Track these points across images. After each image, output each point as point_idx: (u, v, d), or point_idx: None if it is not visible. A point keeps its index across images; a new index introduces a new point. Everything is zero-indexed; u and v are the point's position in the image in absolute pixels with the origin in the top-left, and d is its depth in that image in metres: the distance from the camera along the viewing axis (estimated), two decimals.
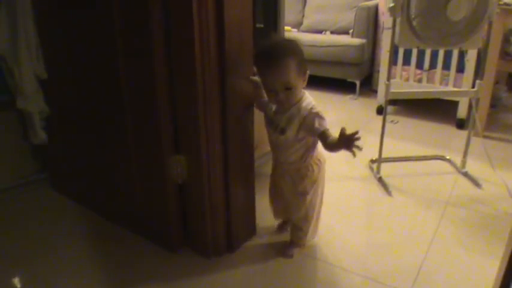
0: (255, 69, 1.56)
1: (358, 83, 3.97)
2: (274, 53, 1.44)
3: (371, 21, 3.96)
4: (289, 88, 1.43)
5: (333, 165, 2.57)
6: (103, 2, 1.58)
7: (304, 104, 1.51)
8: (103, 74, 1.75)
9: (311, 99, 1.54)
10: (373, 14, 3.97)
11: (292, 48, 1.45)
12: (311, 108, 1.50)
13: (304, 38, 4.16)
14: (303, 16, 4.65)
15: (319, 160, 1.65)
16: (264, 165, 2.43)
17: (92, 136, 1.96)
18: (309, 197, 1.65)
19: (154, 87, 1.53)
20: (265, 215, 1.99)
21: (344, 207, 2.15)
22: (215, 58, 1.46)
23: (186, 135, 1.61)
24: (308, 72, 1.48)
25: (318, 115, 1.49)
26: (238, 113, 1.62)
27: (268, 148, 2.27)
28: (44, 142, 2.12)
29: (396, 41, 2.14)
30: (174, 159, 1.64)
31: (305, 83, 1.50)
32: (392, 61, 2.37)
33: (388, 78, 2.24)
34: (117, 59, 1.62)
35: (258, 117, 1.74)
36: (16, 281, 1.75)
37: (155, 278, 1.67)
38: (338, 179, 2.44)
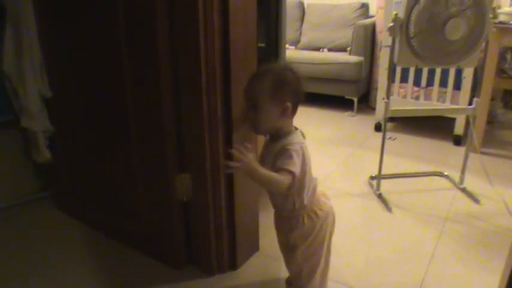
0: None
1: (356, 100, 4.01)
2: (257, 71, 1.43)
3: (368, 39, 4.01)
4: (255, 107, 1.31)
5: (332, 182, 2.60)
6: (106, 13, 1.62)
7: (286, 140, 1.33)
8: (107, 94, 1.77)
9: (299, 139, 1.36)
10: (371, 31, 4.03)
11: (276, 72, 1.34)
12: (286, 145, 1.31)
13: (302, 55, 4.21)
14: (301, 34, 4.71)
15: (315, 213, 1.41)
16: None
17: (96, 155, 1.98)
18: (299, 252, 1.45)
19: (159, 106, 1.56)
20: (268, 231, 2.00)
21: (344, 223, 2.17)
22: (220, 75, 1.50)
23: (190, 154, 1.63)
24: (289, 106, 1.31)
25: (287, 152, 1.29)
26: (243, 131, 1.65)
27: None
28: (48, 161, 2.13)
29: (395, 60, 2.18)
30: (179, 177, 1.66)
31: (288, 118, 1.35)
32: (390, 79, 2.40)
33: (388, 96, 2.27)
34: (124, 81, 1.65)
35: None
36: None
37: None
38: (338, 195, 2.46)
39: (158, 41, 1.48)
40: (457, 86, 3.12)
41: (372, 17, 4.30)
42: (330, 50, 4.42)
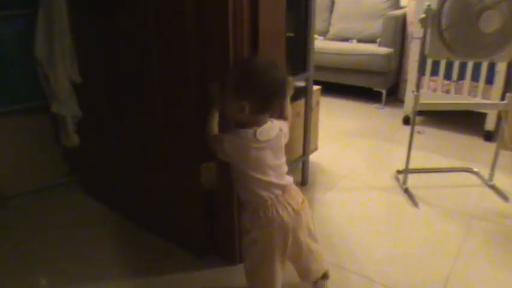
0: None
1: (384, 92, 3.95)
2: (238, 59, 1.43)
3: (399, 31, 3.94)
4: (222, 93, 1.34)
5: (358, 174, 2.58)
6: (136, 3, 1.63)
7: (235, 129, 1.34)
8: (135, 82, 1.79)
9: (243, 137, 1.31)
10: (401, 23, 3.95)
11: (246, 68, 1.32)
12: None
13: (331, 46, 4.16)
14: (330, 24, 4.65)
15: (258, 215, 1.35)
16: (291, 173, 2.45)
17: (123, 142, 2.00)
18: (245, 240, 1.47)
19: (188, 98, 1.56)
20: None
21: (369, 217, 2.15)
22: None
23: None
24: (245, 105, 1.26)
25: (219, 136, 1.37)
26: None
27: (296, 154, 2.28)
28: (76, 145, 2.17)
29: (426, 52, 2.14)
30: (204, 166, 1.66)
31: (246, 115, 1.28)
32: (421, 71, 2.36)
33: (418, 89, 2.23)
34: (151, 66, 1.66)
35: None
36: (41, 280, 1.80)
37: (181, 283, 1.70)
38: (364, 188, 2.44)
39: (186, 32, 1.48)
40: (490, 80, 3.03)
41: (402, 7, 4.22)
42: (359, 41, 4.35)
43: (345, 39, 4.42)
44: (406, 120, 3.46)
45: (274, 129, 1.35)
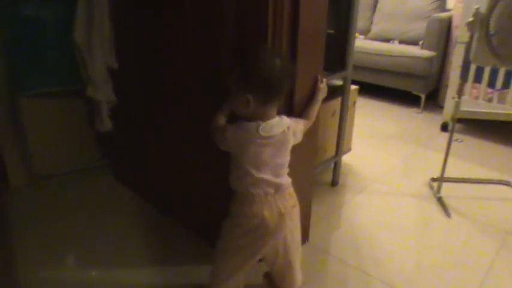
0: None
1: (423, 96, 3.85)
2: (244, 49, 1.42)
3: (443, 34, 3.82)
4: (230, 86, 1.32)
5: (391, 179, 2.52)
6: None
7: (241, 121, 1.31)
8: (172, 70, 1.78)
9: (245, 128, 1.28)
10: (446, 26, 3.83)
11: (251, 59, 1.30)
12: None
13: (371, 45, 4.08)
14: (371, 23, 4.56)
15: (243, 211, 1.34)
16: (322, 173, 2.42)
17: (154, 129, 2.00)
18: (224, 224, 1.41)
19: (222, 85, 1.54)
20: (319, 223, 1.98)
21: (399, 224, 2.10)
22: None
23: None
24: (250, 98, 1.24)
25: (223, 126, 1.35)
26: None
27: (329, 155, 2.24)
28: (109, 130, 2.18)
29: (471, 57, 2.06)
30: None
31: (251, 109, 1.26)
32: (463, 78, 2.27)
33: (459, 96, 2.15)
34: (188, 56, 1.65)
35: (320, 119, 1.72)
36: (70, 260, 1.83)
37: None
38: (395, 194, 2.37)
39: (225, 24, 1.45)
40: None
41: (448, 10, 4.09)
42: (400, 42, 4.25)
43: (386, 40, 4.33)
44: (444, 127, 3.36)
45: (281, 126, 1.30)
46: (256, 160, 1.28)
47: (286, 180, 1.35)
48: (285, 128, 1.31)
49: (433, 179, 2.46)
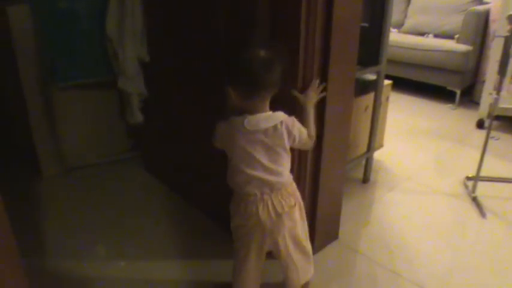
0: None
1: (458, 92, 3.74)
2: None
3: (480, 27, 3.71)
4: None
5: (424, 177, 2.46)
6: None
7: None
8: (204, 63, 1.76)
9: (231, 122, 1.28)
10: (484, 19, 3.71)
11: (239, 52, 1.26)
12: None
13: (405, 39, 3.99)
14: (406, 16, 4.46)
15: (237, 205, 1.35)
16: (352, 169, 2.38)
17: (184, 123, 2.00)
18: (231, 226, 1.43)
19: None
20: (349, 221, 1.94)
21: (431, 223, 2.04)
22: (319, 51, 1.43)
23: None
24: (230, 91, 1.23)
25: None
26: (337, 112, 1.58)
27: (360, 151, 2.20)
28: (140, 123, 2.19)
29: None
30: None
31: (235, 101, 1.25)
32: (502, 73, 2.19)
33: (497, 92, 2.08)
34: (219, 51, 1.63)
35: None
36: (98, 250, 1.85)
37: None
38: (428, 192, 2.31)
39: (258, 16, 1.43)
40: None
41: (486, 3, 3.96)
42: (435, 36, 4.14)
43: (421, 34, 4.22)
44: (480, 124, 3.26)
45: (270, 121, 1.24)
46: (247, 157, 1.26)
47: (284, 179, 1.31)
48: (276, 123, 1.25)
49: (468, 178, 2.39)
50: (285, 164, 1.31)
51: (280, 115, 1.27)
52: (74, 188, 2.29)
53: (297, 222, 1.37)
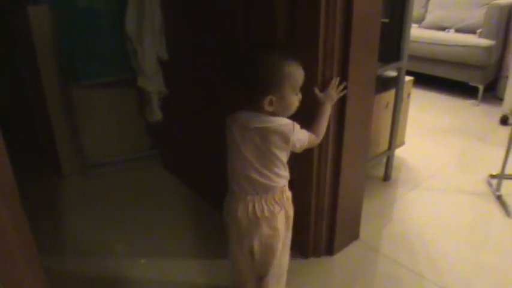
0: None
1: (481, 88, 3.67)
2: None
3: (503, 21, 3.63)
4: None
5: (446, 175, 2.41)
6: None
7: None
8: (223, 60, 1.75)
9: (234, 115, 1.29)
10: (507, 13, 3.64)
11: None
12: None
13: (425, 34, 3.93)
14: (426, 11, 4.39)
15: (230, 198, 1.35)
16: (373, 167, 2.35)
17: (203, 121, 1.99)
18: None
19: None
20: (370, 220, 1.91)
21: (454, 222, 2.00)
22: (339, 48, 1.41)
23: None
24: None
25: None
26: (358, 110, 1.55)
27: (381, 148, 2.16)
28: (159, 121, 2.20)
29: None
30: None
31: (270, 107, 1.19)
32: None
33: None
34: (239, 46, 1.61)
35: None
36: (116, 247, 1.86)
37: None
38: (451, 191, 2.27)
39: (276, 14, 1.41)
40: None
41: None
42: (457, 30, 4.07)
43: (442, 28, 4.16)
44: (504, 120, 3.19)
45: (263, 122, 1.19)
46: (237, 151, 1.24)
47: (273, 183, 1.26)
48: (269, 125, 1.19)
49: (492, 176, 2.33)
50: (275, 170, 1.25)
51: (277, 120, 1.20)
52: (94, 185, 2.31)
53: (277, 232, 1.30)
